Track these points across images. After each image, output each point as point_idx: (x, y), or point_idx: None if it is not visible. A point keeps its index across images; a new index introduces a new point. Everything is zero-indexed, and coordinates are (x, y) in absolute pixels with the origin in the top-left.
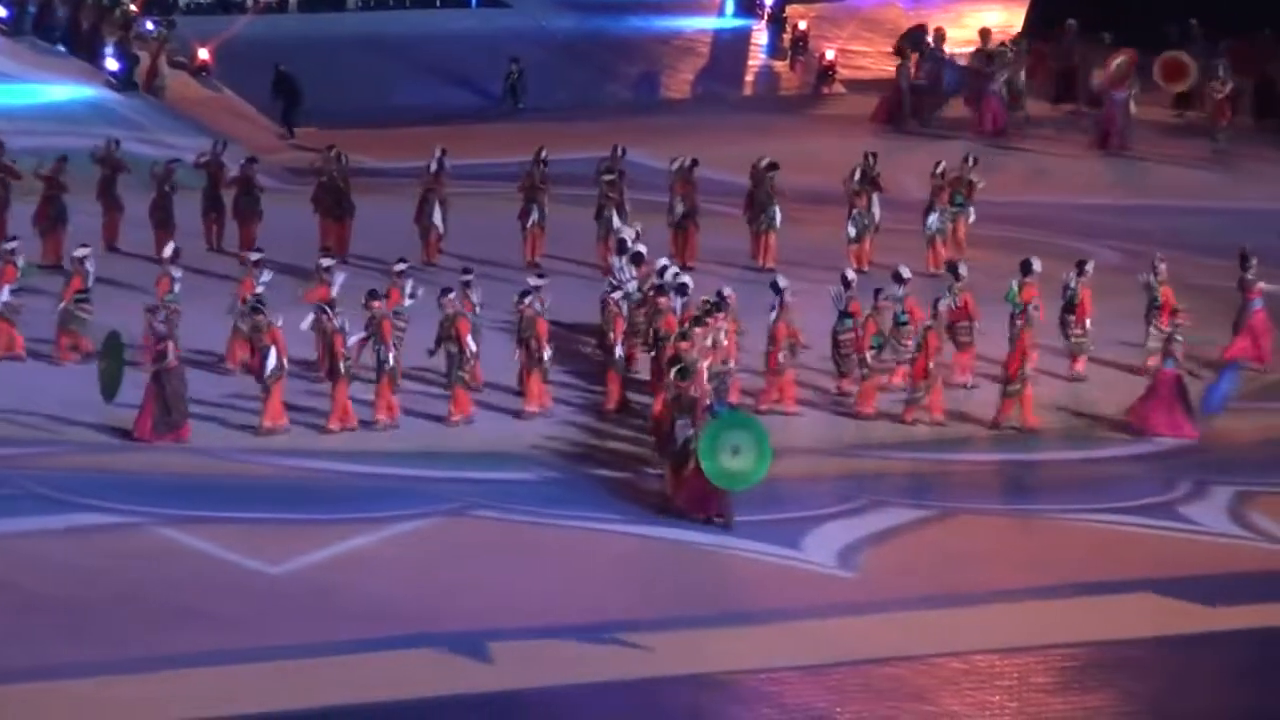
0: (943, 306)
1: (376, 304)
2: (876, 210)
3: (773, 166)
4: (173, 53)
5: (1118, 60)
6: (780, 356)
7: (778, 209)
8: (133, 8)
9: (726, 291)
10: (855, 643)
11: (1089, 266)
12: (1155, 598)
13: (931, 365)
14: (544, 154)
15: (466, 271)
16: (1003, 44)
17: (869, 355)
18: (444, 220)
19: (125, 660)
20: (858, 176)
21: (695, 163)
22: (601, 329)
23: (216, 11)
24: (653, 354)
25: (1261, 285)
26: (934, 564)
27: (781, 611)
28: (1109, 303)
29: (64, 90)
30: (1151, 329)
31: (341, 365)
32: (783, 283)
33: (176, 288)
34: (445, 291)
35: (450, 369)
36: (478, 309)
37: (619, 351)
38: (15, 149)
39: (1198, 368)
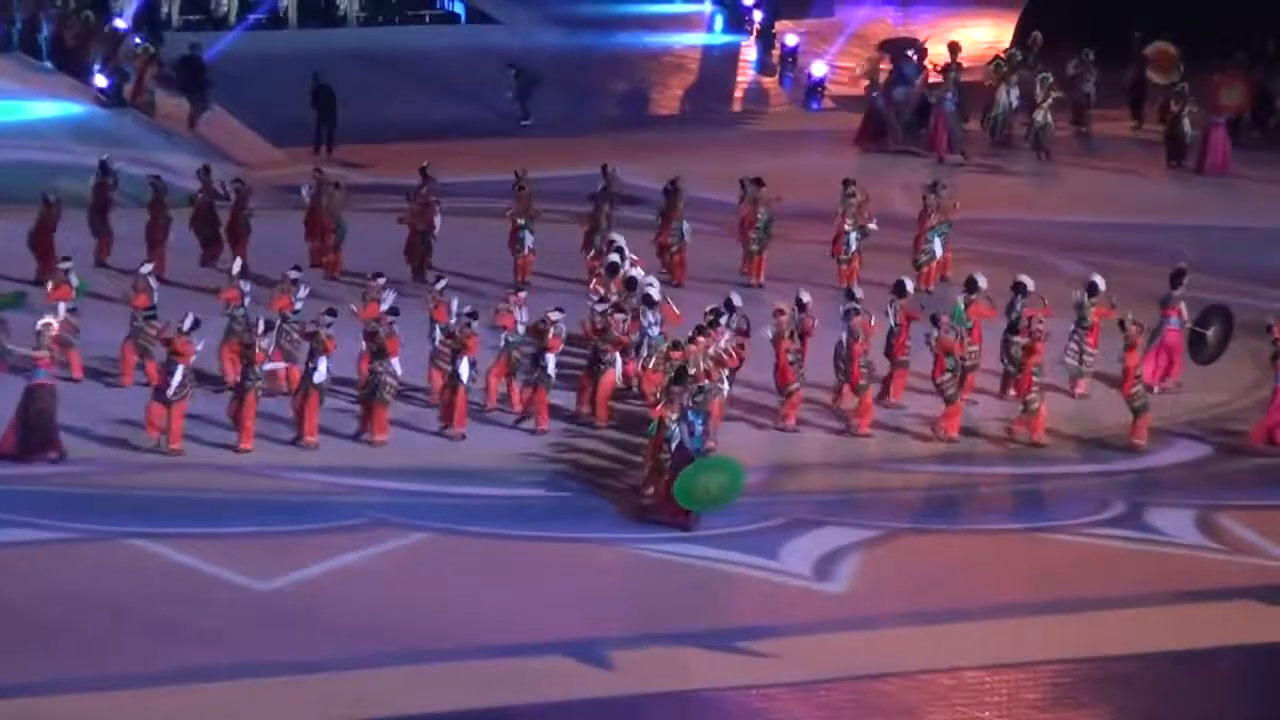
0: (857, 322)
1: (329, 319)
2: (871, 224)
3: (759, 183)
4: (161, 69)
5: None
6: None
7: (769, 228)
8: (120, 24)
9: (736, 300)
10: (844, 658)
11: (1029, 286)
12: (1143, 612)
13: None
14: (526, 179)
15: (377, 276)
16: (998, 57)
17: (944, 379)
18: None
19: (110, 677)
20: (849, 204)
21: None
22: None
23: (206, 28)
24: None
25: (1182, 307)
26: (914, 579)
27: (769, 627)
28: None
29: (51, 107)
30: (1071, 346)
31: (250, 382)
32: (737, 301)
33: (246, 300)
34: (393, 312)
35: (375, 387)
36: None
37: (550, 371)
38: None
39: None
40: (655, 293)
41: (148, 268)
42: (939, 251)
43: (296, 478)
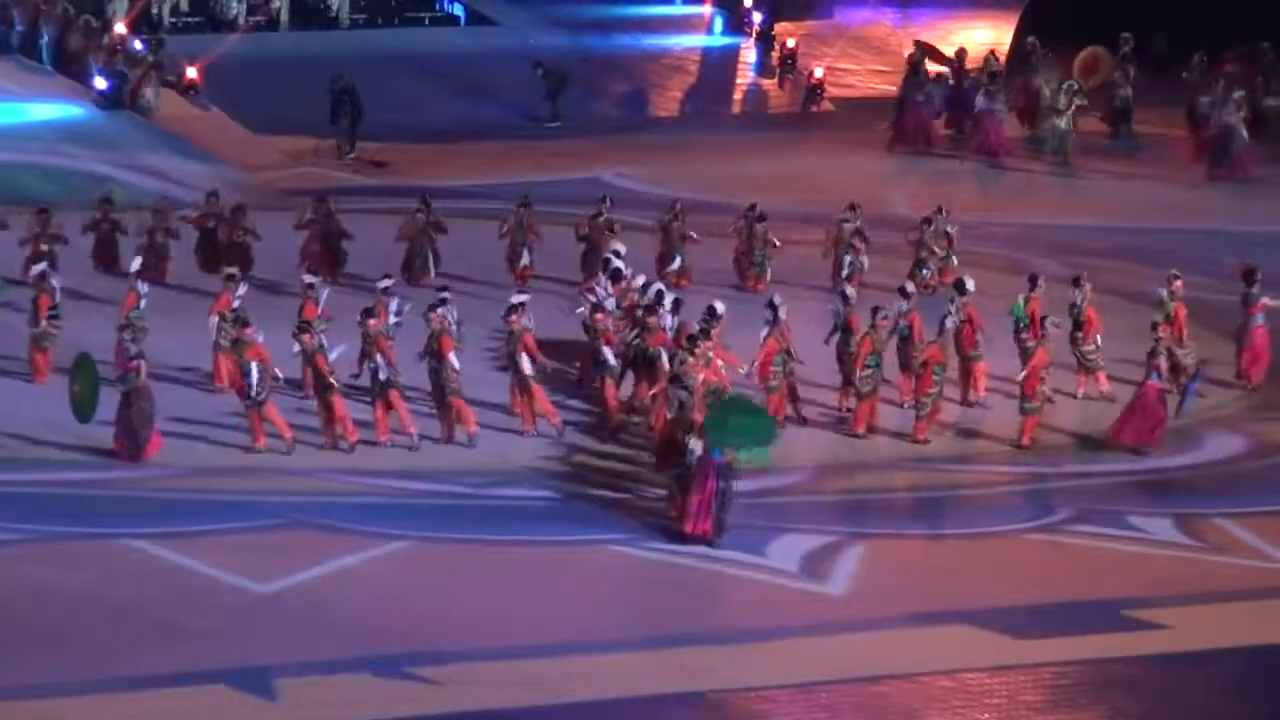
0: (949, 323)
1: (371, 322)
2: (864, 258)
3: (761, 218)
4: (162, 72)
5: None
6: (771, 371)
7: (767, 259)
8: (120, 27)
9: (719, 307)
10: (843, 660)
11: (1041, 282)
12: (1141, 614)
13: (937, 380)
14: (528, 199)
15: (443, 289)
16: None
17: (863, 374)
18: (436, 260)
19: (111, 679)
20: (847, 230)
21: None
22: (590, 346)
23: (205, 30)
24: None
25: (1265, 301)
26: (913, 580)
27: (768, 629)
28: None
29: (50, 109)
30: (1175, 349)
31: (333, 381)
32: (778, 300)
33: (143, 304)
34: (431, 307)
35: (437, 388)
36: (454, 327)
37: (613, 363)
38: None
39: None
40: (682, 299)
41: (40, 267)
42: (928, 279)
43: (297, 479)
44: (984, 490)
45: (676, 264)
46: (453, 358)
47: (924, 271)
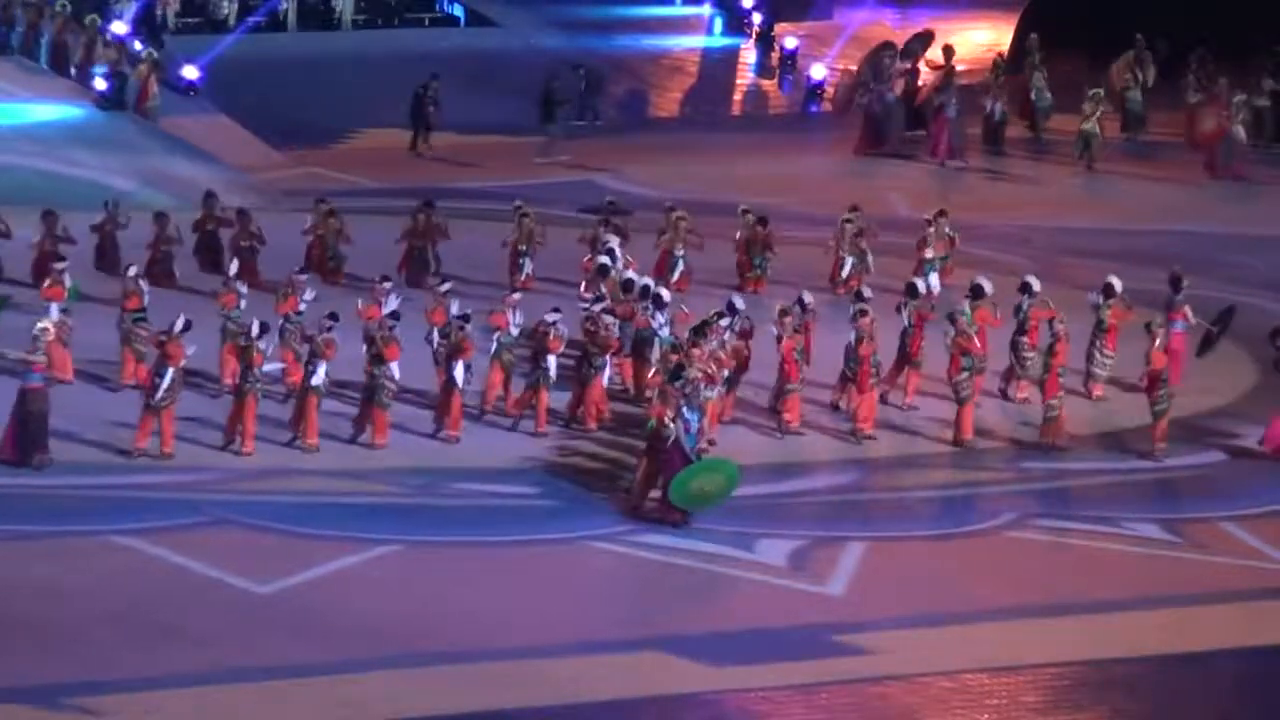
0: (864, 323)
1: (329, 323)
2: (869, 258)
3: (762, 221)
4: (162, 73)
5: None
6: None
7: (766, 261)
8: (121, 28)
9: (739, 304)
10: (844, 661)
11: (1036, 286)
12: (1142, 615)
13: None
14: (524, 206)
15: (384, 279)
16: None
17: (959, 377)
18: (436, 261)
19: (110, 681)
20: (847, 234)
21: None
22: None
23: (205, 31)
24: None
25: (1186, 310)
26: (915, 581)
27: (768, 629)
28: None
29: (50, 110)
30: (1096, 354)
31: (253, 384)
32: (740, 304)
33: (242, 304)
34: (393, 316)
35: (373, 391)
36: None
37: (551, 372)
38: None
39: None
40: (665, 294)
41: (135, 269)
42: (935, 285)
43: (291, 480)
44: (980, 490)
45: (678, 270)
46: (394, 367)
47: (932, 277)
